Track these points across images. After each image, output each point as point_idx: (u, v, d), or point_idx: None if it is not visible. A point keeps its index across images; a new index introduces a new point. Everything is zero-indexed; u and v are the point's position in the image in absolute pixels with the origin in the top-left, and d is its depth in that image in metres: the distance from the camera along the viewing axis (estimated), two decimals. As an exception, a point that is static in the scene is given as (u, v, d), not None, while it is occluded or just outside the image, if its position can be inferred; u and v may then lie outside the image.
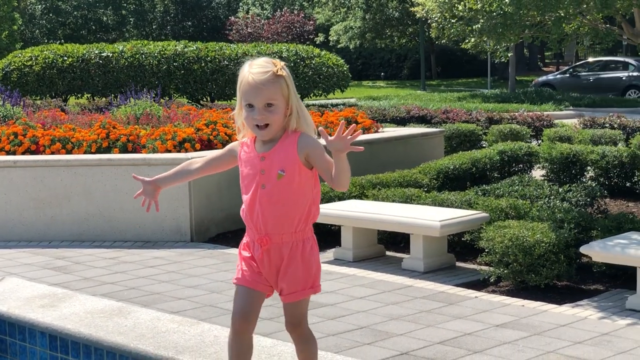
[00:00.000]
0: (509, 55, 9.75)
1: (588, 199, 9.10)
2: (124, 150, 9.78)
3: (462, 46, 10.39)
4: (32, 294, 4.17)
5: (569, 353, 5.70)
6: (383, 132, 11.93)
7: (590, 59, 34.59)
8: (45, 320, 3.79)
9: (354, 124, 3.55)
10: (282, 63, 3.61)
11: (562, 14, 7.69)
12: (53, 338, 3.76)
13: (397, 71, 53.01)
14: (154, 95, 12.46)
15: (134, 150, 9.77)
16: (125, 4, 62.80)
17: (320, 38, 50.15)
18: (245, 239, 3.73)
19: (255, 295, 3.62)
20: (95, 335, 3.55)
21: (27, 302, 4.04)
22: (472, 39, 8.40)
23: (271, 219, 3.56)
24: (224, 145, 9.86)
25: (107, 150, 9.81)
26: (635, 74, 29.48)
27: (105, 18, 62.27)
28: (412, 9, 31.05)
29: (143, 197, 3.96)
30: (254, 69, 3.55)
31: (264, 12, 59.95)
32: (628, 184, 10.66)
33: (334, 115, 11.74)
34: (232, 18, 51.55)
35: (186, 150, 9.66)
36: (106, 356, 3.54)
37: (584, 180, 10.64)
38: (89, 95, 22.91)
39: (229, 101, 22.42)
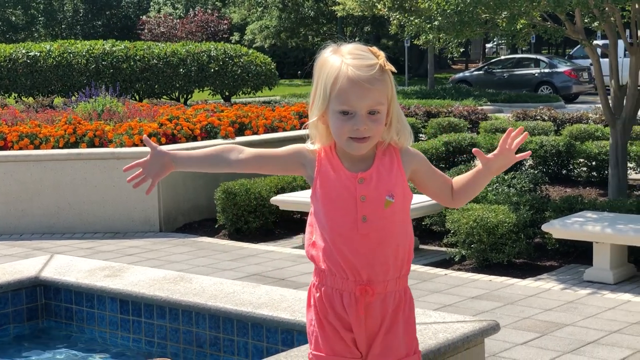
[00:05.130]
0: (461, 50, 10.37)
1: (531, 185, 9.76)
2: (92, 145, 10.07)
3: (415, 42, 10.96)
4: (91, 267, 4.55)
5: (542, 318, 6.31)
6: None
7: (503, 57, 35.80)
8: (116, 287, 4.18)
9: (521, 126, 2.88)
10: (382, 52, 2.72)
11: (515, 12, 8.32)
12: (124, 303, 4.17)
13: (312, 70, 53.65)
14: (111, 93, 12.72)
15: (101, 145, 10.08)
16: (34, 4, 61.91)
17: (235, 37, 50.41)
18: (317, 292, 2.78)
19: None
20: (172, 297, 3.97)
21: (90, 274, 4.42)
22: (430, 36, 8.96)
23: (377, 261, 2.71)
24: (188, 140, 10.27)
25: (75, 145, 10.09)
26: (546, 70, 30.68)
27: (14, 18, 61.29)
28: (332, 7, 31.66)
29: (135, 172, 2.83)
30: (355, 60, 2.65)
31: (176, 11, 59.83)
32: (564, 172, 11.41)
33: (285, 109, 12.20)
34: (144, 17, 51.31)
35: (152, 144, 9.99)
36: (182, 315, 3.97)
37: (524, 168, 11.34)
38: (16, 95, 22.81)
39: (158, 99, 22.59)
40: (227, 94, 23.37)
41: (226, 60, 22.72)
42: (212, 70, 22.41)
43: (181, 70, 22.29)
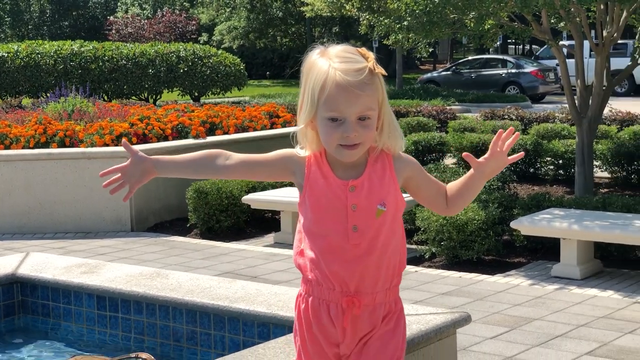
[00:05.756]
0: (430, 50, 10.46)
1: (500, 183, 9.90)
2: (62, 145, 10.08)
3: (384, 42, 11.07)
4: (67, 264, 4.60)
5: (511, 313, 6.43)
6: (302, 125, 12.55)
7: (470, 57, 36.05)
8: (93, 283, 4.24)
9: (511, 127, 2.78)
10: (371, 53, 2.62)
11: (483, 13, 8.44)
12: (101, 299, 4.22)
13: (280, 70, 53.65)
14: (81, 94, 12.71)
15: (72, 145, 10.09)
16: (0, 4, 61.43)
17: (203, 38, 50.34)
18: (303, 303, 2.70)
19: None
20: (149, 292, 4.03)
21: (67, 270, 4.47)
22: (400, 36, 9.06)
23: (367, 272, 2.62)
24: (159, 140, 10.30)
25: (45, 145, 10.10)
26: (513, 71, 30.97)
27: (-21, 18, 60.80)
28: (301, 8, 31.74)
29: (113, 177, 2.70)
30: (343, 64, 2.54)
31: (144, 12, 59.63)
32: (532, 170, 11.58)
33: (256, 109, 12.27)
34: (111, 18, 51.08)
35: (123, 144, 10.02)
36: (159, 310, 4.04)
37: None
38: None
39: (127, 99, 22.53)
40: (196, 94, 23.38)
41: (195, 61, 22.74)
42: (181, 70, 22.41)
43: (150, 70, 22.28)
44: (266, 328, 3.79)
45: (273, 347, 3.29)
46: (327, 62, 2.53)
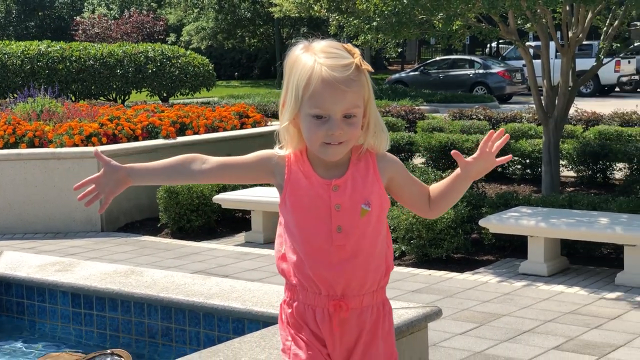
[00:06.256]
0: (398, 51, 10.55)
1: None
2: (31, 145, 10.06)
3: (354, 42, 11.15)
4: (41, 262, 4.63)
5: (480, 309, 6.53)
6: (272, 125, 12.59)
7: (438, 58, 36.25)
8: (68, 281, 4.27)
9: (502, 128, 2.72)
10: (357, 49, 2.54)
11: (451, 14, 8.55)
12: (76, 296, 4.26)
13: (248, 71, 53.64)
14: (48, 94, 12.67)
15: (41, 145, 10.07)
16: (-35, 4, 60.89)
17: (171, 38, 50.21)
18: (288, 308, 2.62)
19: None
20: (124, 289, 4.08)
21: (41, 269, 4.50)
22: (369, 36, 9.15)
23: (353, 274, 2.54)
24: (129, 140, 10.31)
25: (15, 145, 10.07)
26: (481, 71, 31.21)
27: (-56, 18, 60.21)
28: (269, 9, 31.77)
29: (87, 189, 2.64)
30: (329, 59, 2.46)
31: (111, 12, 59.33)
32: (500, 169, 11.70)
33: (225, 110, 12.30)
34: (78, 18, 50.77)
35: (93, 144, 10.02)
36: (134, 307, 4.08)
37: (461, 166, 11.61)
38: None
39: (95, 99, 22.46)
40: (165, 95, 23.35)
41: (164, 62, 22.73)
42: (150, 71, 22.39)
43: (118, 71, 22.23)
44: (241, 323, 3.85)
45: (249, 341, 3.35)
46: (312, 57, 2.45)
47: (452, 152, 2.62)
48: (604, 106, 18.97)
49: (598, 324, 6.13)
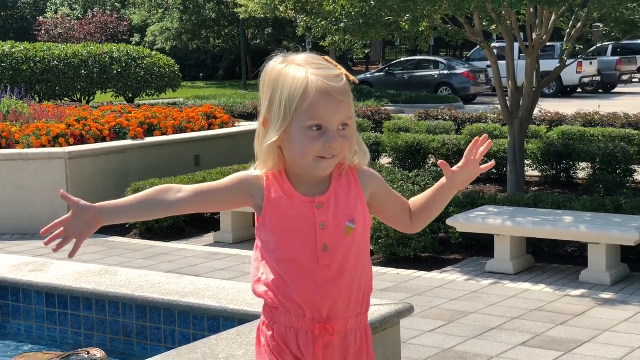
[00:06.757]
0: (366, 51, 10.63)
1: (435, 182, 10.13)
2: (-2, 146, 10.03)
3: (321, 44, 11.24)
4: (15, 262, 4.65)
5: (448, 307, 6.63)
6: (240, 126, 12.64)
7: (403, 59, 36.45)
8: (42, 280, 4.30)
9: (485, 134, 2.65)
10: (336, 62, 2.49)
11: (417, 15, 8.65)
12: (50, 296, 4.29)
13: (214, 72, 53.54)
14: (15, 95, 12.63)
15: (8, 146, 10.03)
16: None
17: (135, 39, 49.99)
18: (268, 330, 2.49)
19: None
20: (99, 289, 4.11)
21: (15, 269, 4.52)
22: (337, 37, 9.23)
23: (339, 295, 2.44)
24: (97, 141, 10.30)
25: (-19, 146, 10.03)
26: (445, 72, 31.43)
27: None
28: (234, 9, 31.76)
29: (54, 232, 2.45)
30: (321, 70, 2.39)
31: (74, 12, 58.93)
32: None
33: (193, 110, 12.33)
34: (41, 18, 50.39)
35: (61, 145, 10.01)
36: (108, 306, 4.12)
37: (427, 166, 11.72)
38: None
39: (60, 100, 22.35)
40: (130, 95, 23.29)
41: (129, 62, 22.68)
42: (115, 72, 22.32)
43: (83, 71, 22.14)
44: (216, 321, 3.90)
45: (225, 338, 3.41)
46: (301, 69, 2.36)
47: (439, 162, 2.57)
48: (567, 107, 19.21)
49: (563, 320, 6.26)
